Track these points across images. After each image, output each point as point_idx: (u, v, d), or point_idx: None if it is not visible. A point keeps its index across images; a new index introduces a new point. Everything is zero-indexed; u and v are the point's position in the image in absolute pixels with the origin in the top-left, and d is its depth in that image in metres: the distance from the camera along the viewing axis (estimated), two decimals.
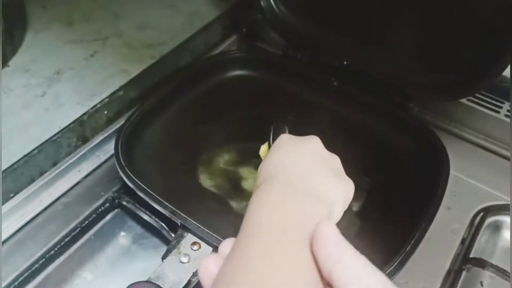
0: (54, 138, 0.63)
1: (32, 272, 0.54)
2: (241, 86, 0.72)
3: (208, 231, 0.50)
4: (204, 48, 0.83)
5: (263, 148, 0.57)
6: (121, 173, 0.54)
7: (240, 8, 0.86)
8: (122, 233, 0.61)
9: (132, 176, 0.53)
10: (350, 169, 0.63)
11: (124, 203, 0.59)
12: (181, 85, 0.68)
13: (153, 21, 0.83)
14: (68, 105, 0.67)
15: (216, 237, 0.50)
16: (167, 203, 0.52)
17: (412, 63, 0.65)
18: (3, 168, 0.58)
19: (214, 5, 0.86)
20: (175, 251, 0.49)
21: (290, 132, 0.66)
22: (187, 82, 0.69)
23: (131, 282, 0.48)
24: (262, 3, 0.69)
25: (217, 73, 0.72)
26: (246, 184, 0.60)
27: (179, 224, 0.51)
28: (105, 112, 0.69)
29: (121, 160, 0.55)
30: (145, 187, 0.53)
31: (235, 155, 0.64)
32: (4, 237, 0.55)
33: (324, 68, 0.70)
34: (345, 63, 0.68)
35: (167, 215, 0.51)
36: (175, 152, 0.63)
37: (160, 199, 0.52)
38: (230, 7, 0.86)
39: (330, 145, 0.66)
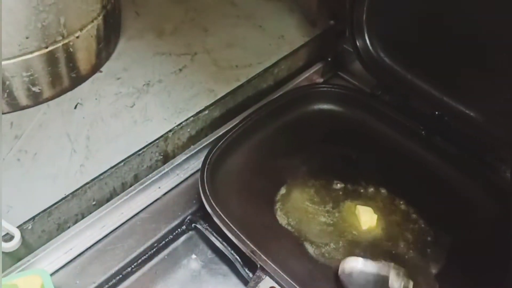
0: (140, 152, 0.64)
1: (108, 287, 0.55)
2: (326, 120, 0.71)
3: (287, 278, 0.50)
4: (288, 73, 0.83)
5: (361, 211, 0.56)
6: (206, 205, 0.55)
7: (328, 36, 0.85)
8: (193, 256, 0.62)
9: (217, 208, 0.54)
10: (430, 225, 0.61)
11: (201, 228, 0.59)
12: (266, 115, 0.68)
13: (241, 40, 0.83)
14: (156, 120, 0.69)
15: (294, 284, 0.49)
16: (248, 242, 0.52)
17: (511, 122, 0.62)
18: (91, 177, 0.61)
19: (303, 30, 0.85)
20: None
21: (369, 174, 0.65)
22: (272, 112, 0.69)
23: None
24: (358, 43, 0.68)
25: (303, 105, 0.72)
26: (322, 228, 0.60)
27: (259, 266, 0.51)
28: (188, 129, 0.70)
29: (206, 190, 0.55)
30: (227, 221, 0.53)
31: (314, 193, 0.63)
32: (87, 245, 0.57)
33: (413, 114, 0.68)
34: (436, 113, 0.66)
35: (247, 254, 0.52)
36: (255, 183, 0.63)
37: (241, 236, 0.52)
38: (319, 34, 0.85)
39: (409, 195, 0.64)
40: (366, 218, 0.59)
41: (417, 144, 0.67)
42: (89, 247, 0.58)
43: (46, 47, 0.63)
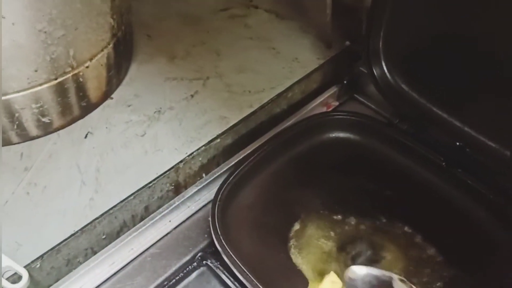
0: (150, 184, 0.63)
1: None
2: (342, 149, 0.69)
3: None
4: (302, 96, 0.81)
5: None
6: (217, 246, 0.53)
7: (344, 58, 0.83)
8: None
9: (227, 248, 0.52)
10: (450, 262, 0.58)
11: (212, 266, 0.58)
12: (279, 146, 0.66)
13: (253, 64, 0.81)
14: (166, 150, 0.67)
15: None
16: (260, 285, 0.50)
17: None
18: (101, 212, 0.59)
19: (317, 52, 0.83)
20: None
21: (387, 207, 0.63)
22: (285, 142, 0.67)
23: None
24: (374, 71, 0.66)
25: (318, 134, 0.69)
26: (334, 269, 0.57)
27: None
28: (200, 158, 0.69)
29: (217, 229, 0.54)
30: (238, 262, 0.52)
31: (329, 228, 0.61)
32: (95, 284, 0.56)
33: (433, 144, 0.65)
34: (457, 143, 0.63)
35: None
36: (268, 218, 0.61)
37: (253, 279, 0.51)
38: (334, 56, 0.83)
39: (429, 230, 0.62)
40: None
41: (438, 176, 0.64)
42: (98, 286, 0.56)
43: (56, 79, 0.62)
